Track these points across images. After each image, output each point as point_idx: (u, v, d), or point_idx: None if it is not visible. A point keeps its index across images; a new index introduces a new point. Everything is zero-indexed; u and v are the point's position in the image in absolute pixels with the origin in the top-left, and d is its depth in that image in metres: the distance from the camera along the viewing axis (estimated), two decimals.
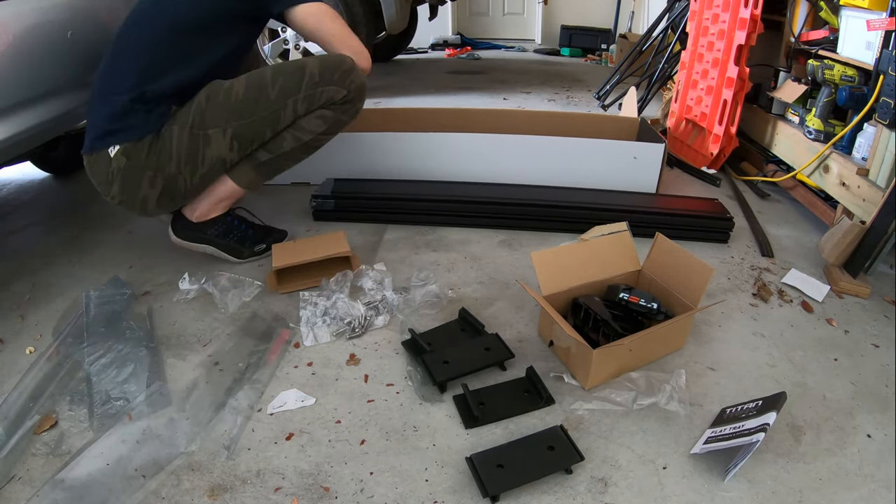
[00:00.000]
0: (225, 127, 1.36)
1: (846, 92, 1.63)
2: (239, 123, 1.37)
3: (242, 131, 1.38)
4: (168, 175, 1.37)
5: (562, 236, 1.68)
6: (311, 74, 1.39)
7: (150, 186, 1.38)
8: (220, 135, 1.37)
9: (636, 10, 5.23)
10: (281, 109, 1.38)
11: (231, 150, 1.39)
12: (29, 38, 1.40)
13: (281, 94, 1.37)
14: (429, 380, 1.12)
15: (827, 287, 1.46)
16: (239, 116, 1.37)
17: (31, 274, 1.55)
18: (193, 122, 1.35)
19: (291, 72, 1.39)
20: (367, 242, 1.68)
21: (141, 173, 1.36)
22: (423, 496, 0.90)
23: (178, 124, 1.35)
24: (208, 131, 1.36)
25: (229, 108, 1.36)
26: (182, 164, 1.37)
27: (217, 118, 1.36)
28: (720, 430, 0.99)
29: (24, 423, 1.02)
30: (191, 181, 1.40)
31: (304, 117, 1.42)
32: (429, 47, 5.53)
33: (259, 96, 1.37)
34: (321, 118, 1.43)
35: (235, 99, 1.37)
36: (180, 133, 1.35)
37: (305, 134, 1.43)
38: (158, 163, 1.35)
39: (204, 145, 1.36)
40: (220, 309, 1.36)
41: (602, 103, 3.32)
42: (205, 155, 1.37)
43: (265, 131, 1.40)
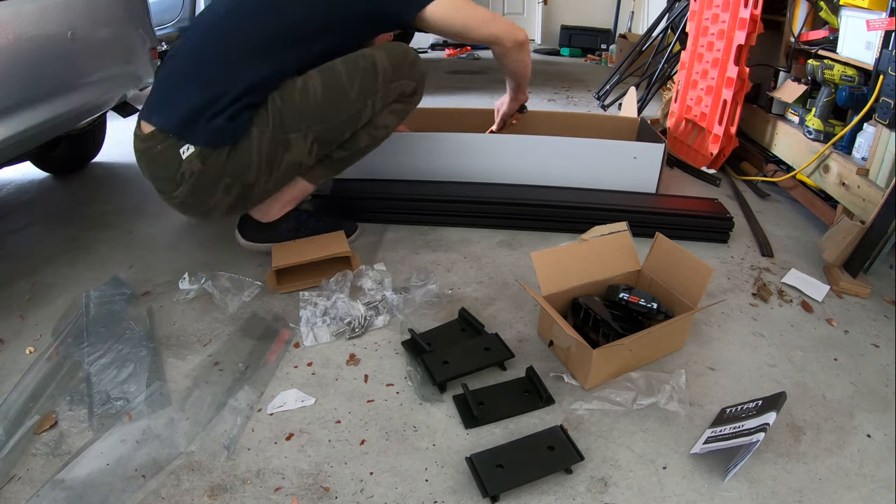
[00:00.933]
0: (307, 132, 1.30)
1: (846, 92, 1.63)
2: (321, 127, 1.32)
3: (324, 135, 1.33)
4: (246, 183, 1.30)
5: (562, 236, 1.68)
6: (384, 70, 1.35)
7: (226, 193, 1.30)
8: (301, 140, 1.30)
9: (636, 10, 5.23)
10: (362, 109, 1.36)
11: (310, 154, 1.35)
12: (29, 38, 1.40)
13: (360, 94, 1.33)
14: (429, 380, 1.12)
15: (827, 287, 1.46)
16: (320, 120, 1.31)
17: (31, 274, 1.55)
18: (274, 126, 1.27)
19: (365, 68, 1.34)
20: (367, 242, 1.68)
21: (217, 180, 1.27)
22: (423, 496, 0.90)
23: (257, 128, 1.25)
24: (290, 136, 1.28)
25: (309, 111, 1.29)
26: (261, 171, 1.30)
27: (298, 122, 1.28)
28: (720, 430, 0.99)
29: (24, 423, 1.02)
30: (265, 186, 1.35)
31: (379, 114, 1.41)
32: (429, 47, 5.53)
33: (339, 98, 1.31)
34: (394, 113, 1.44)
35: (314, 101, 1.29)
36: (260, 138, 1.26)
37: (380, 131, 1.45)
38: (238, 170, 1.27)
39: (284, 150, 1.30)
40: (220, 309, 1.36)
41: (602, 103, 3.32)
42: (283, 160, 1.31)
43: (346, 133, 1.38)
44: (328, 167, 1.47)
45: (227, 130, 1.23)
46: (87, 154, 2.37)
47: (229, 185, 1.29)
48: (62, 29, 1.50)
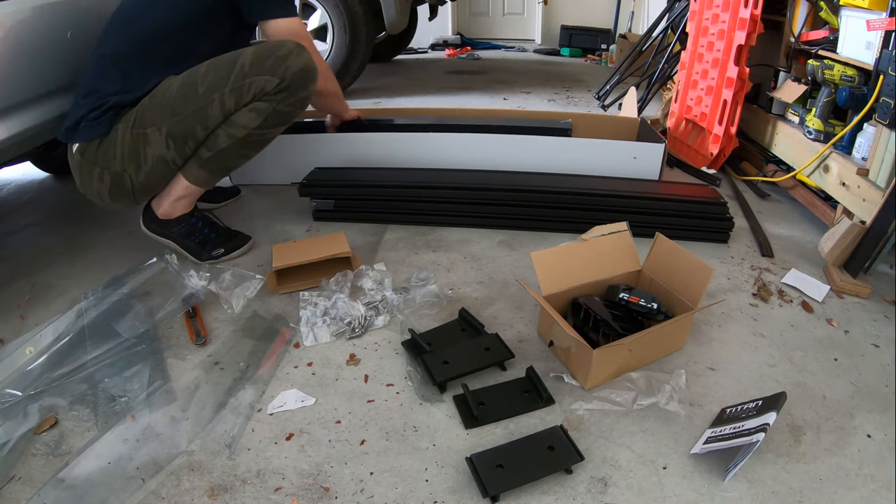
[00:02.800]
0: (160, 125, 1.36)
1: (846, 92, 1.63)
2: (172, 121, 1.36)
3: (174, 129, 1.37)
4: (114, 172, 1.40)
5: (562, 236, 1.68)
6: (242, 65, 1.34)
7: (100, 181, 1.42)
8: (156, 133, 1.37)
9: (636, 10, 5.23)
10: (208, 105, 1.34)
11: (168, 149, 1.38)
12: (29, 38, 1.40)
13: (208, 89, 1.34)
14: (429, 380, 1.12)
15: (827, 287, 1.46)
16: (172, 114, 1.36)
17: (31, 274, 1.55)
18: (135, 121, 1.36)
19: (223, 64, 1.36)
20: (367, 242, 1.68)
21: (91, 169, 1.41)
22: (423, 496, 0.90)
23: (122, 123, 1.37)
24: (146, 130, 1.36)
25: (164, 106, 1.36)
26: (126, 162, 1.39)
27: (154, 116, 1.36)
28: (720, 430, 0.99)
29: (24, 423, 1.02)
30: (137, 179, 1.42)
31: (235, 112, 1.37)
32: (429, 47, 5.53)
33: (189, 92, 1.35)
34: (255, 111, 1.37)
35: (169, 96, 1.36)
36: (124, 132, 1.37)
37: (239, 129, 1.38)
38: (105, 159, 1.39)
39: (144, 144, 1.37)
40: (220, 308, 1.36)
41: (602, 103, 3.32)
42: (146, 154, 1.38)
43: (196, 129, 1.37)
44: (201, 166, 1.44)
45: (93, 128, 1.37)
46: None
47: (100, 173, 1.41)
48: (62, 29, 1.50)
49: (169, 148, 1.38)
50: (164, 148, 1.38)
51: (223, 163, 1.46)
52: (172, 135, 1.37)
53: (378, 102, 3.36)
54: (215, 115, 1.36)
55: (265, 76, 1.34)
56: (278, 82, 1.35)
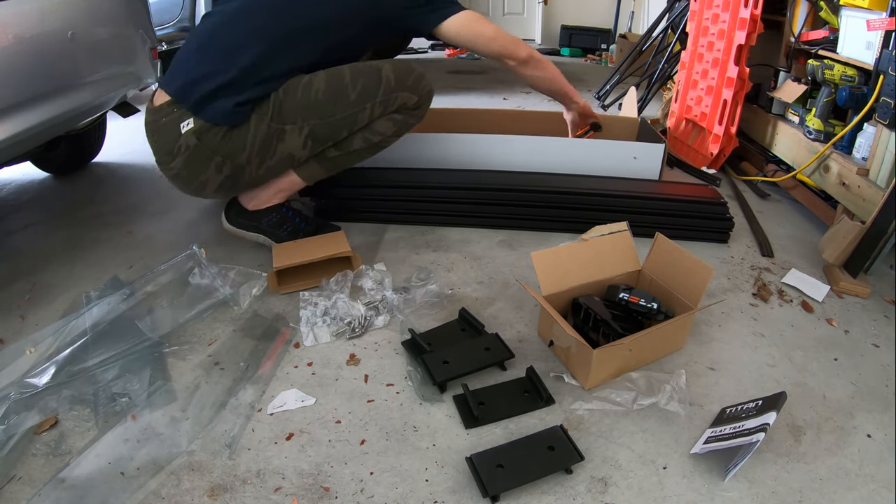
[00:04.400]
0: (302, 125, 1.37)
1: (846, 92, 1.63)
2: (317, 123, 1.38)
3: (319, 131, 1.39)
4: (236, 164, 1.37)
5: (562, 236, 1.68)
6: (388, 79, 1.41)
7: (217, 171, 1.37)
8: (296, 132, 1.37)
9: (636, 10, 5.23)
10: (359, 112, 1.41)
11: (304, 149, 1.40)
12: (29, 38, 1.40)
13: (360, 97, 1.39)
14: (429, 380, 1.12)
15: (827, 287, 1.46)
16: (318, 116, 1.37)
17: (31, 274, 1.55)
18: (272, 115, 1.34)
19: (369, 74, 1.41)
20: (367, 242, 1.68)
21: (210, 157, 1.35)
22: (423, 496, 0.90)
23: (256, 115, 1.33)
24: (285, 127, 1.35)
25: (308, 107, 1.36)
26: (253, 156, 1.37)
27: (295, 115, 1.35)
28: (720, 430, 0.99)
29: (24, 423, 1.02)
30: (256, 172, 1.41)
31: (377, 120, 1.45)
32: (429, 47, 5.53)
33: (339, 97, 1.38)
34: (392, 121, 1.47)
35: (315, 98, 1.36)
36: (258, 125, 1.33)
37: (376, 136, 1.47)
38: (230, 150, 1.34)
39: (278, 140, 1.37)
40: (220, 308, 1.36)
41: (602, 103, 3.32)
42: (276, 149, 1.38)
43: (342, 132, 1.42)
44: (321, 165, 1.48)
45: (231, 115, 1.31)
46: (87, 154, 2.37)
47: (220, 163, 1.36)
48: (62, 29, 1.50)
49: (305, 147, 1.40)
50: (300, 147, 1.39)
51: (344, 163, 1.51)
52: (314, 135, 1.39)
53: None
54: (363, 121, 1.42)
55: (407, 93, 1.45)
56: (417, 100, 1.47)
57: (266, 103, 1.34)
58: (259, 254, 1.62)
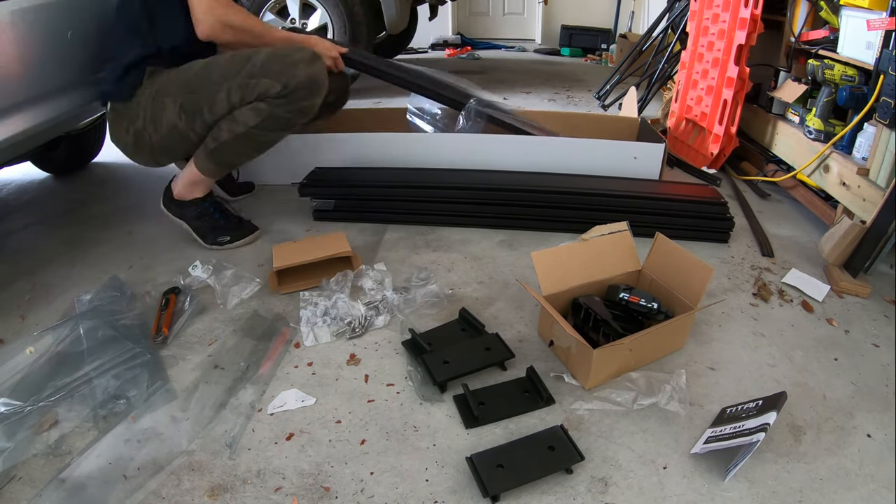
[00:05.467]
0: (176, 97, 1.46)
1: (846, 92, 1.63)
2: (185, 96, 1.45)
3: (187, 104, 1.46)
4: (137, 128, 1.50)
5: (562, 236, 1.68)
6: (254, 63, 1.41)
7: (126, 133, 1.53)
8: (172, 103, 1.46)
9: (636, 10, 5.23)
10: (217, 91, 1.42)
11: (180, 119, 1.47)
12: (29, 38, 1.40)
13: (221, 76, 1.43)
14: (429, 380, 1.12)
15: (827, 287, 1.46)
16: (186, 90, 1.45)
17: (31, 274, 1.55)
18: (159, 88, 1.47)
19: (240, 58, 1.44)
20: (367, 242, 1.68)
21: (120, 122, 1.52)
22: (424, 496, 0.90)
23: (150, 88, 1.47)
24: (165, 99, 1.46)
25: (183, 81, 1.46)
26: (147, 123, 1.49)
27: (175, 88, 1.46)
28: (720, 430, 0.99)
29: (24, 423, 1.02)
30: (154, 137, 1.51)
31: (239, 108, 1.44)
32: (429, 47, 5.53)
33: (205, 75, 1.45)
34: (254, 111, 1.43)
35: (190, 73, 1.46)
36: (148, 97, 1.47)
37: (238, 126, 1.45)
38: (132, 116, 1.50)
39: (161, 110, 1.47)
40: (220, 309, 1.36)
41: (602, 103, 3.32)
42: (162, 119, 1.48)
43: (203, 109, 1.45)
44: (207, 157, 1.53)
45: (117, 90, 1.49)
46: (87, 154, 2.37)
47: (127, 127, 1.52)
48: (62, 29, 1.50)
49: (181, 119, 1.47)
50: (177, 118, 1.47)
51: (226, 157, 1.54)
52: (184, 108, 1.46)
53: (378, 102, 3.35)
54: (220, 102, 1.44)
55: (270, 80, 1.40)
56: (280, 89, 1.40)
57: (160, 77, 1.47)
58: (260, 254, 1.62)
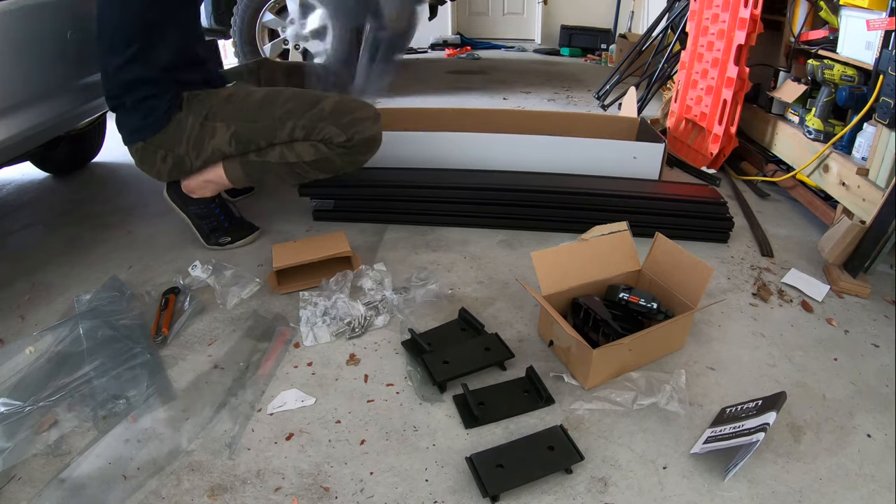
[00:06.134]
0: (230, 123, 1.47)
1: (846, 92, 1.63)
2: (241, 124, 1.47)
3: (242, 131, 1.47)
4: (177, 155, 1.50)
5: (562, 236, 1.68)
6: (322, 109, 1.46)
7: (162, 162, 1.51)
8: (224, 129, 1.47)
9: (636, 10, 5.23)
10: (280, 127, 1.46)
11: (229, 146, 1.49)
12: (29, 38, 1.40)
13: (285, 114, 1.45)
14: (429, 380, 1.12)
15: (827, 287, 1.46)
16: (244, 119, 1.47)
17: (31, 274, 1.55)
18: (208, 115, 1.46)
19: (306, 99, 1.47)
20: (367, 242, 1.68)
21: (154, 152, 1.50)
22: (423, 496, 0.90)
23: (193, 114, 1.46)
24: (216, 123, 1.47)
25: (240, 109, 1.47)
26: (189, 148, 1.49)
27: (228, 115, 1.47)
28: (720, 430, 0.99)
29: (24, 423, 1.02)
30: (195, 163, 1.52)
31: (300, 141, 1.48)
32: (429, 47, 5.53)
33: (267, 108, 1.46)
34: (314, 148, 1.48)
35: (249, 102, 1.47)
36: (193, 122, 1.46)
37: (293, 155, 1.49)
38: (169, 145, 1.48)
39: (210, 136, 1.47)
40: (220, 309, 1.36)
41: (602, 103, 3.32)
42: (208, 144, 1.48)
43: (260, 141, 1.48)
44: (242, 168, 1.53)
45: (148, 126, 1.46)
46: (87, 154, 2.37)
47: (164, 156, 1.51)
48: (62, 29, 1.50)
49: (230, 145, 1.49)
50: (227, 144, 1.48)
51: (261, 173, 1.55)
52: (238, 135, 1.47)
53: (378, 102, 3.35)
54: (282, 137, 1.47)
55: (337, 129, 1.46)
56: (345, 140, 1.47)
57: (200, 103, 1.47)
58: (259, 254, 1.62)
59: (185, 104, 1.46)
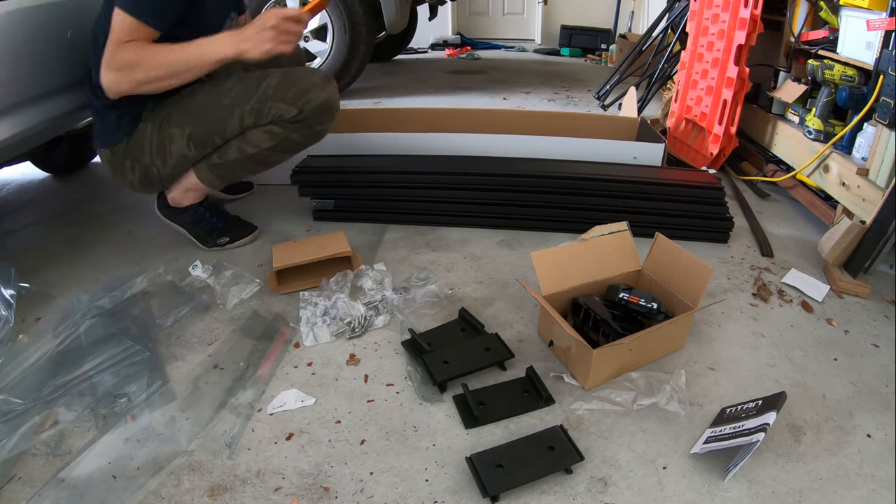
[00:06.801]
0: (183, 127, 1.43)
1: (846, 92, 1.63)
2: (193, 126, 1.43)
3: (195, 134, 1.44)
4: (144, 165, 1.48)
5: (562, 236, 1.68)
6: (267, 87, 1.39)
7: (131, 172, 1.50)
8: (179, 133, 1.44)
9: (636, 10, 5.23)
10: (228, 118, 1.41)
11: (189, 150, 1.46)
12: (29, 38, 1.40)
13: (232, 102, 1.40)
14: (429, 380, 1.12)
15: (827, 287, 1.46)
16: (194, 119, 1.43)
17: (31, 274, 1.55)
18: (163, 120, 1.44)
19: (250, 81, 1.41)
20: (367, 242, 1.68)
21: (122, 161, 1.48)
22: (423, 496, 0.90)
23: (151, 122, 1.44)
24: (172, 130, 1.44)
25: (189, 109, 1.43)
26: (154, 157, 1.47)
27: (180, 118, 1.43)
28: (720, 430, 0.99)
29: (24, 423, 1.02)
30: (163, 171, 1.50)
31: (252, 129, 1.43)
32: (429, 47, 5.53)
33: (213, 102, 1.42)
34: (268, 133, 1.43)
35: (195, 100, 1.43)
36: (152, 131, 1.44)
37: (250, 147, 1.45)
38: (135, 154, 1.47)
39: (169, 142, 1.45)
40: (220, 309, 1.36)
41: (602, 103, 3.32)
42: (171, 150, 1.46)
43: (213, 137, 1.44)
44: (211, 171, 1.51)
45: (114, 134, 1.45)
46: (87, 154, 2.37)
47: (131, 165, 1.49)
48: (62, 29, 1.50)
49: (190, 149, 1.46)
50: (186, 148, 1.46)
51: (230, 172, 1.53)
52: (193, 138, 1.44)
53: (378, 102, 3.36)
54: (233, 128, 1.43)
55: (285, 104, 1.39)
56: (296, 113, 1.40)
57: (161, 109, 1.43)
58: (259, 254, 1.62)
59: (146, 112, 1.43)
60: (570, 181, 1.70)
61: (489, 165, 1.78)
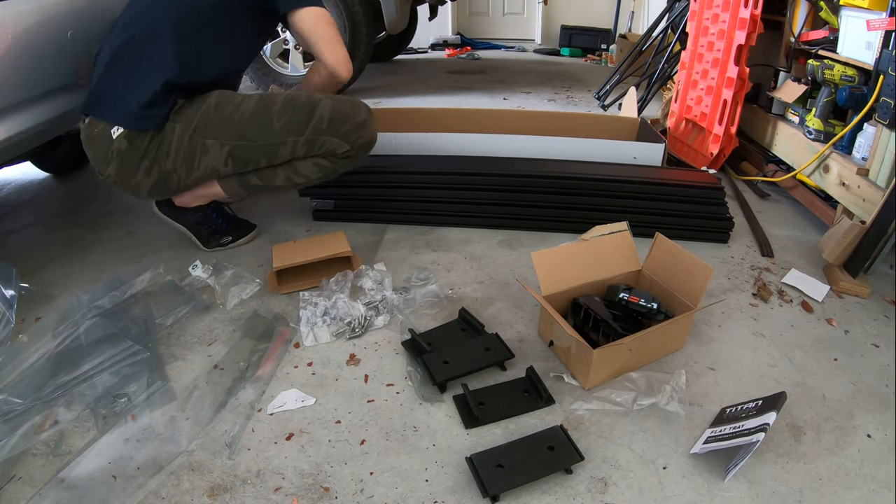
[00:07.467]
0: (223, 142, 1.38)
1: (846, 92, 1.63)
2: (237, 144, 1.38)
3: (239, 152, 1.39)
4: (163, 169, 1.40)
5: (562, 236, 1.68)
6: (321, 119, 1.37)
7: (146, 175, 1.40)
8: (217, 148, 1.38)
9: (636, 10, 5.23)
10: (280, 145, 1.39)
11: (226, 166, 1.42)
12: (29, 38, 1.40)
13: (284, 128, 1.37)
14: (429, 380, 1.12)
15: (827, 287, 1.46)
16: (239, 137, 1.37)
17: (31, 274, 1.55)
18: (197, 126, 1.36)
19: (302, 108, 1.38)
20: (367, 242, 1.68)
21: (139, 161, 1.37)
22: (423, 496, 0.90)
23: (181, 124, 1.36)
24: (207, 141, 1.37)
25: (232, 125, 1.37)
26: (178, 164, 1.39)
27: (219, 131, 1.37)
28: (720, 430, 0.99)
29: (24, 423, 1.02)
30: (184, 181, 1.44)
31: (301, 160, 1.42)
32: (429, 47, 5.53)
33: (263, 123, 1.37)
34: (318, 166, 1.44)
35: (241, 117, 1.37)
36: (182, 134, 1.36)
37: (299, 177, 1.45)
38: (157, 156, 1.37)
39: (202, 153, 1.39)
40: (220, 309, 1.36)
41: (602, 103, 3.32)
42: (200, 161, 1.40)
43: (261, 160, 1.42)
44: (243, 186, 1.49)
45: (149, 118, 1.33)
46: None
47: (149, 168, 1.39)
48: (62, 29, 1.50)
49: (227, 165, 1.41)
50: (222, 164, 1.40)
51: (264, 191, 1.53)
52: (234, 156, 1.39)
53: (378, 102, 3.36)
54: (284, 155, 1.40)
55: (338, 140, 1.39)
56: (348, 149, 1.41)
57: (193, 113, 1.36)
58: (259, 254, 1.62)
59: (173, 112, 1.36)
60: (571, 181, 1.71)
61: (489, 165, 1.78)
